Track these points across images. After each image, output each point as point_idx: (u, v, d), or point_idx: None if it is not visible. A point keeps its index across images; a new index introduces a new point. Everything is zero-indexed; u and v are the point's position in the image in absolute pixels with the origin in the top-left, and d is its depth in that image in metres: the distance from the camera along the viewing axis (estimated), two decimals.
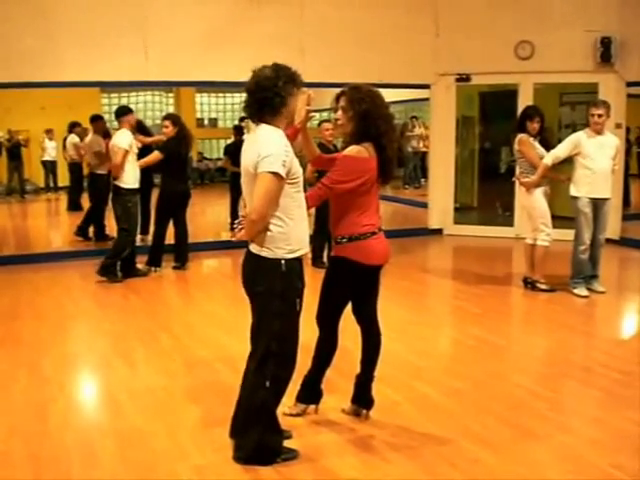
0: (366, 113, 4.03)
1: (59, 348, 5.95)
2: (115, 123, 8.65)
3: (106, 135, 10.50)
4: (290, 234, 3.68)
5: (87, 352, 6.02)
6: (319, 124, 8.68)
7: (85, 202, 12.19)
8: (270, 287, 3.69)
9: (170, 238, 8.88)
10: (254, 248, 3.72)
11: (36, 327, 6.55)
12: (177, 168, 8.65)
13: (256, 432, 3.79)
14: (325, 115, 10.38)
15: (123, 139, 8.15)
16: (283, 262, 3.67)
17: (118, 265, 8.37)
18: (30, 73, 8.87)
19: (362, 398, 4.38)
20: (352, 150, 4.03)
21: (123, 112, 8.40)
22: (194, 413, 4.52)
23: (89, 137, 11.00)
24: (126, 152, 8.06)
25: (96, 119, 10.89)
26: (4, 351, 5.85)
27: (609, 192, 7.34)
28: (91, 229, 10.85)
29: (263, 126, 3.70)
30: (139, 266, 8.57)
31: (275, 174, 3.52)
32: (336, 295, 4.20)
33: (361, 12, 10.39)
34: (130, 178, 8.16)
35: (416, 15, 10.79)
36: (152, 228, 9.11)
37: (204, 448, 4.02)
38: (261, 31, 9.82)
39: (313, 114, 4.09)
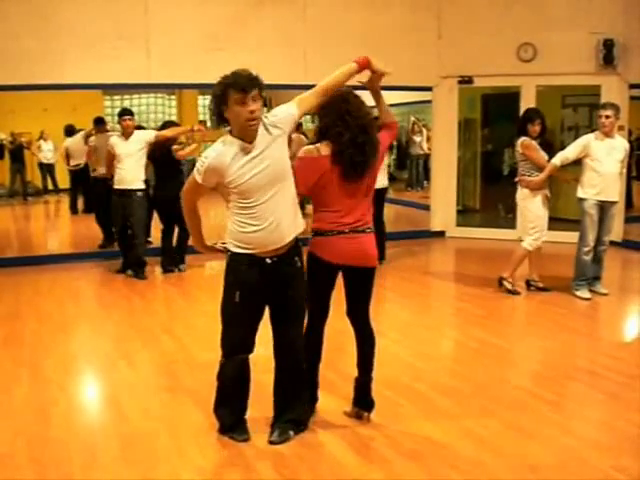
0: (319, 112, 4.11)
1: (61, 349, 5.95)
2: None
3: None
4: (237, 234, 3.90)
5: (89, 353, 6.02)
6: None
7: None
8: (225, 274, 4.03)
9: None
10: None
11: (38, 328, 6.55)
12: (161, 174, 8.82)
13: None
14: None
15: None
16: (229, 254, 3.97)
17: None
18: (31, 75, 8.87)
19: (362, 400, 4.37)
20: (301, 151, 4.12)
21: (119, 114, 8.63)
22: (196, 414, 4.52)
23: (93, 139, 10.88)
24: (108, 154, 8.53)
25: (99, 122, 10.83)
26: (6, 352, 5.86)
27: (617, 195, 7.33)
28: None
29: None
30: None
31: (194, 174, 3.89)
32: (308, 288, 4.19)
33: (364, 14, 10.39)
34: (115, 179, 8.49)
35: (419, 17, 10.79)
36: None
37: (206, 449, 4.03)
38: (264, 33, 9.84)
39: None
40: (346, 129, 3.97)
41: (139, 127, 9.61)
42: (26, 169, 17.67)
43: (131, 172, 8.37)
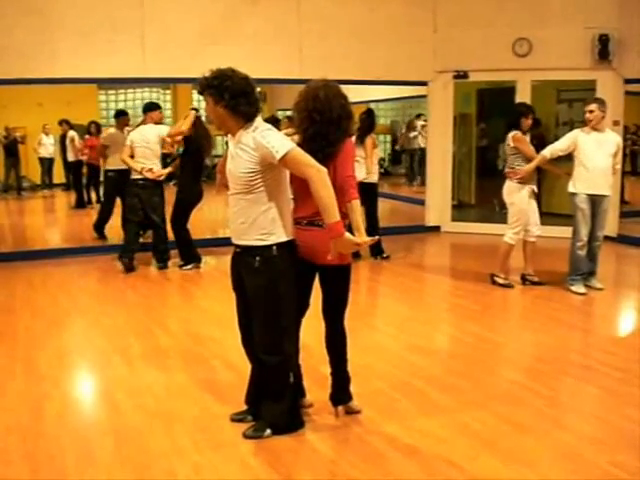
0: (294, 107, 4.20)
1: (55, 344, 5.93)
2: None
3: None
4: None
5: (83, 348, 6.00)
6: None
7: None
8: None
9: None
10: None
11: (32, 323, 6.52)
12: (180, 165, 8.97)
13: None
14: None
15: None
16: None
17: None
18: (26, 69, 8.83)
19: (341, 394, 4.37)
20: None
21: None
22: (191, 410, 4.50)
23: (112, 131, 10.72)
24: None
25: (120, 115, 10.83)
26: (0, 347, 5.83)
27: (608, 189, 7.33)
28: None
29: None
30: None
31: None
32: None
33: (358, 8, 10.39)
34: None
35: (414, 11, 10.77)
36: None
37: (201, 445, 4.01)
38: (258, 27, 9.82)
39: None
40: (311, 124, 4.04)
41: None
42: (20, 164, 17.62)
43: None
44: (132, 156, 8.45)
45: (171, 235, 8.84)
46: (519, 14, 10.48)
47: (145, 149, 8.44)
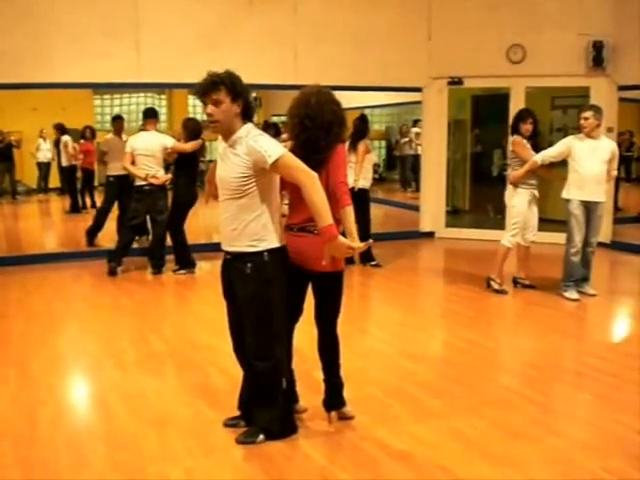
0: (288, 113, 4.23)
1: (49, 349, 5.92)
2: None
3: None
4: None
5: (77, 354, 5.99)
6: None
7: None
8: None
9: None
10: None
11: (26, 328, 6.52)
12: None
13: None
14: None
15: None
16: None
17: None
18: (21, 74, 8.84)
19: (334, 400, 4.37)
20: None
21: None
22: (184, 415, 4.51)
23: (109, 137, 10.74)
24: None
25: (115, 119, 10.87)
26: None
27: (601, 196, 7.36)
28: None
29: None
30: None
31: None
32: None
33: (354, 15, 10.42)
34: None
35: (409, 18, 10.81)
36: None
37: (194, 450, 4.01)
38: (254, 33, 9.84)
39: None
40: (303, 130, 4.05)
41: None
42: (15, 168, 17.59)
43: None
44: (133, 162, 8.46)
45: (168, 240, 8.87)
46: (513, 21, 10.52)
47: (147, 156, 8.47)
